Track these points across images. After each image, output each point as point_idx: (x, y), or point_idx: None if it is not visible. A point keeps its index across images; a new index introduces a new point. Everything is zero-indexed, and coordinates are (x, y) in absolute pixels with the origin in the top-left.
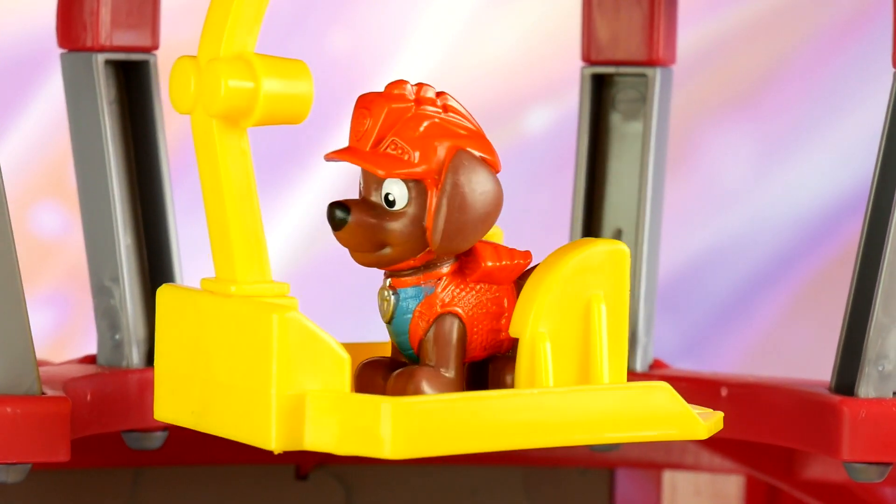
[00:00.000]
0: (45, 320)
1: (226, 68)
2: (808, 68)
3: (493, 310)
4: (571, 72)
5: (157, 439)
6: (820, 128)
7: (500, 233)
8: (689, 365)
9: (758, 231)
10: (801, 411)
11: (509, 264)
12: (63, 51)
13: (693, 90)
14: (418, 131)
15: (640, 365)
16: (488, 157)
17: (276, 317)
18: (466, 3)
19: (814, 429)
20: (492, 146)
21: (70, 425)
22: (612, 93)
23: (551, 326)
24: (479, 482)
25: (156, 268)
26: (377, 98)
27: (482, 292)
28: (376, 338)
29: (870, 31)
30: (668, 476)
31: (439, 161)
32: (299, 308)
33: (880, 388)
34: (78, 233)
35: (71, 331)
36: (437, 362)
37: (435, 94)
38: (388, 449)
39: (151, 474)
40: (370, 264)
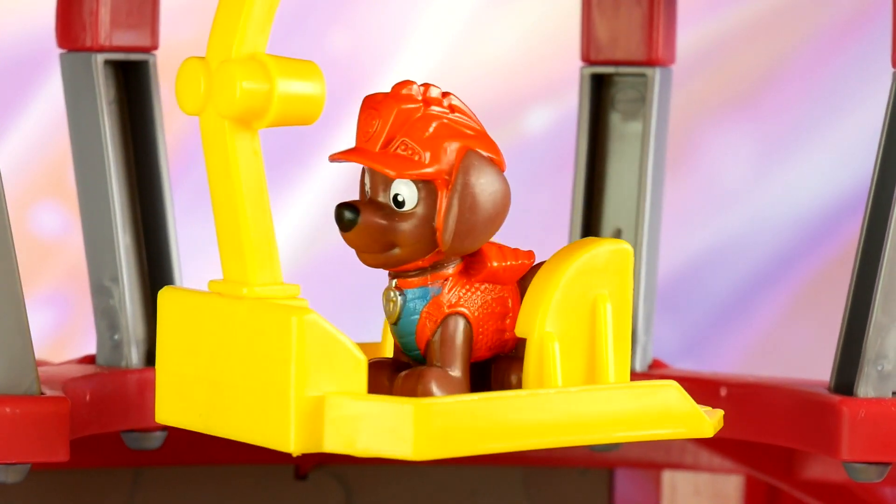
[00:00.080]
0: (45, 320)
1: (240, 70)
2: (808, 68)
3: (498, 310)
4: (571, 72)
5: (156, 439)
6: (820, 128)
7: None
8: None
9: (758, 231)
10: (800, 411)
11: (514, 264)
12: (62, 51)
13: (693, 90)
14: (428, 132)
15: (639, 365)
16: (495, 157)
17: (296, 319)
18: (466, 3)
19: (813, 429)
20: (497, 146)
21: (69, 425)
22: (611, 93)
23: (558, 326)
24: (479, 482)
25: (155, 268)
26: (386, 99)
27: (487, 292)
28: (376, 338)
29: (870, 31)
30: (667, 476)
31: (449, 161)
32: None
33: (879, 388)
34: (78, 233)
35: (71, 331)
36: (444, 363)
37: (441, 94)
38: (411, 450)
39: (151, 474)
40: (378, 265)
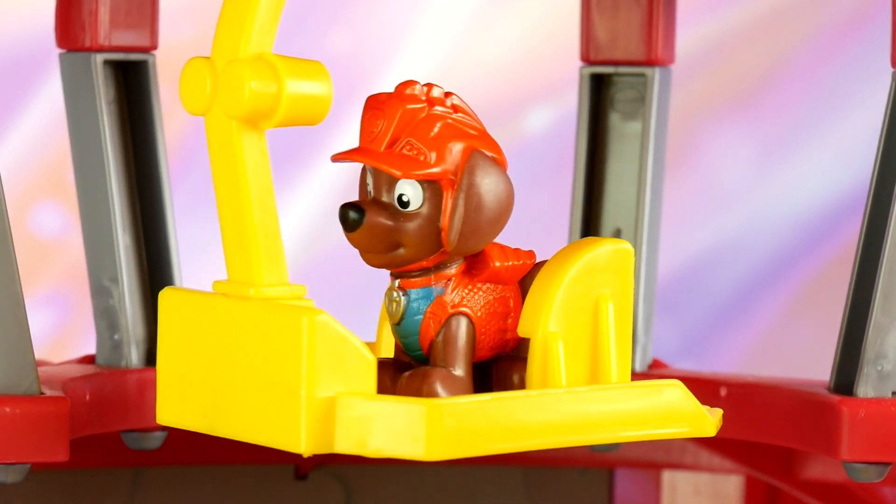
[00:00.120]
0: (45, 320)
1: (249, 70)
2: (808, 68)
3: (500, 310)
4: (571, 72)
5: (156, 439)
6: (820, 128)
7: None
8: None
9: (758, 231)
10: (800, 411)
11: (516, 264)
12: (62, 51)
13: (693, 90)
14: (433, 132)
15: (639, 365)
16: (498, 157)
17: (306, 320)
18: (466, 3)
19: (813, 429)
20: (499, 146)
21: (69, 425)
22: (611, 92)
23: (561, 326)
24: (479, 482)
25: (155, 268)
26: (390, 99)
27: (489, 292)
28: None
29: (870, 31)
30: (667, 476)
31: (455, 162)
32: None
33: (879, 388)
34: (77, 233)
35: (71, 331)
36: (448, 363)
37: (443, 94)
38: (424, 450)
39: (151, 474)
40: (382, 265)
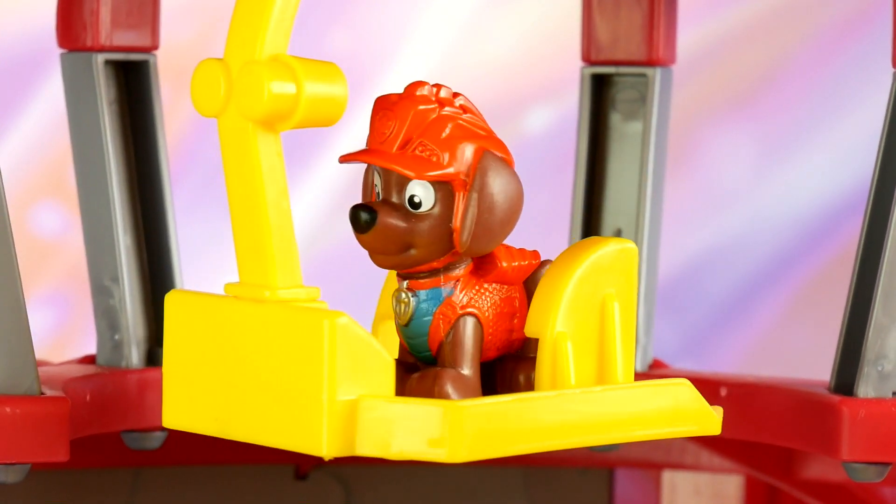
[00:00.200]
0: (46, 320)
1: (267, 71)
2: (808, 68)
3: (506, 310)
4: (571, 72)
5: (156, 439)
6: (820, 128)
7: None
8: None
9: (758, 231)
10: (800, 411)
11: (523, 264)
12: (63, 51)
13: (693, 90)
14: (444, 133)
15: (639, 365)
16: (507, 158)
17: (328, 322)
18: (466, 3)
19: (813, 429)
20: (506, 146)
21: (69, 425)
22: (611, 93)
23: (569, 326)
24: (479, 482)
25: (155, 268)
26: (402, 100)
27: (496, 293)
28: None
29: (870, 31)
30: (667, 476)
31: (467, 162)
32: None
33: (879, 388)
34: (78, 233)
35: (71, 331)
36: (457, 363)
37: (451, 95)
38: (447, 452)
39: (151, 474)
40: (393, 266)
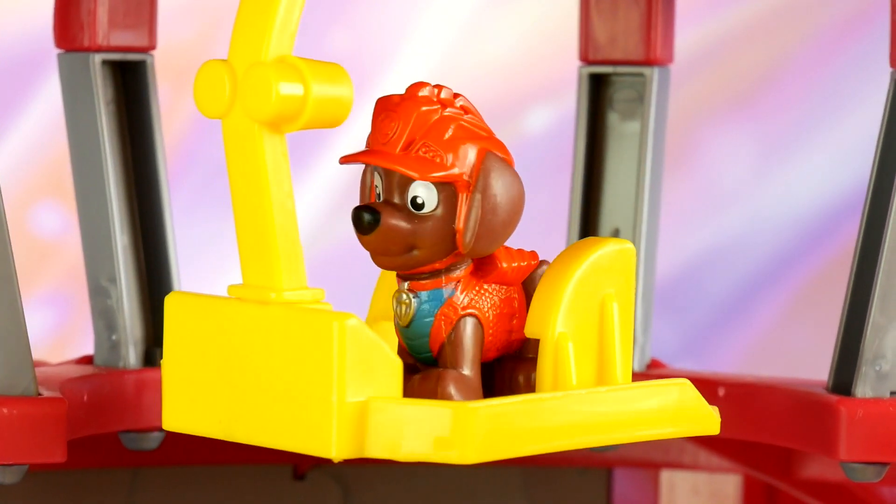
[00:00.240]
0: (45, 320)
1: (275, 73)
2: (808, 68)
3: (506, 311)
4: (571, 72)
5: (153, 440)
6: (820, 128)
7: None
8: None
9: (758, 231)
10: (798, 411)
11: (522, 265)
12: (60, 51)
13: (693, 90)
14: (447, 134)
15: (637, 364)
16: (508, 159)
17: (337, 324)
18: (466, 3)
19: (811, 429)
20: (506, 147)
21: (66, 426)
22: (609, 92)
23: (570, 326)
24: (479, 482)
25: (153, 268)
26: (404, 101)
27: (496, 293)
28: None
29: (870, 31)
30: (665, 476)
31: (470, 164)
32: None
33: (877, 388)
34: (77, 233)
35: (71, 331)
36: (459, 364)
37: (452, 95)
38: (459, 454)
39: (149, 474)
40: (395, 268)
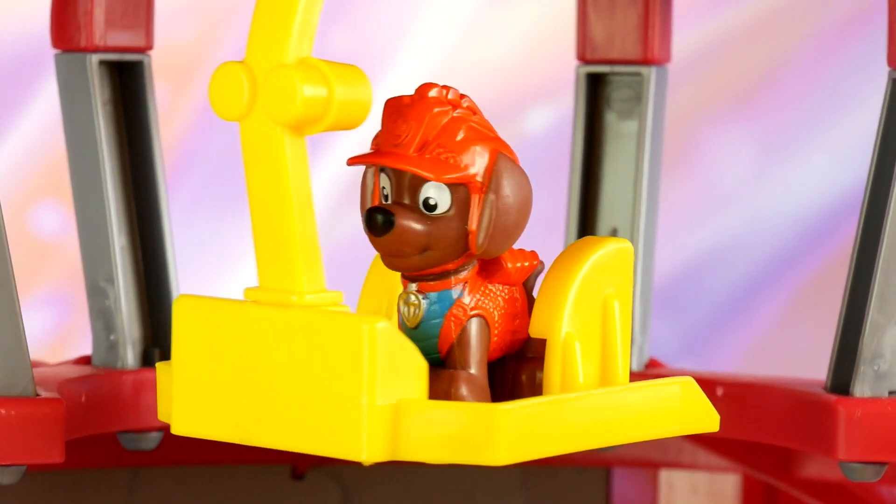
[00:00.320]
0: (45, 321)
1: (299, 75)
2: (808, 68)
3: (510, 311)
4: (570, 72)
5: (152, 440)
6: (820, 128)
7: None
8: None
9: (758, 231)
10: (796, 411)
11: (525, 265)
12: (57, 51)
13: (692, 90)
14: (459, 136)
15: (636, 364)
16: (516, 159)
17: (367, 327)
18: (466, 3)
19: (810, 428)
20: (510, 147)
21: (64, 427)
22: (607, 92)
23: (575, 326)
24: (478, 482)
25: (151, 269)
26: (416, 102)
27: (501, 294)
28: None
29: (870, 31)
30: (664, 475)
31: (483, 164)
32: None
33: (876, 388)
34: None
35: (70, 331)
36: (467, 365)
37: (458, 96)
38: (493, 456)
39: (148, 475)
40: (407, 269)
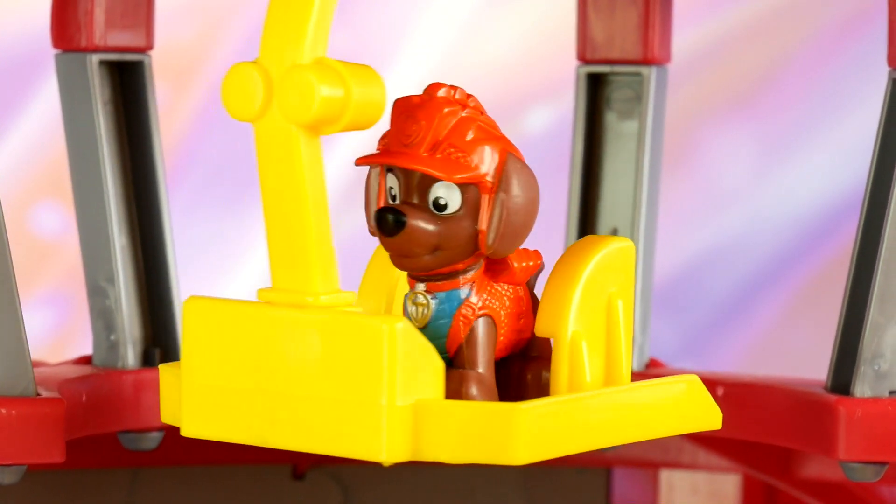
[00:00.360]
0: (45, 320)
1: (317, 76)
2: (808, 68)
3: (515, 310)
4: (570, 72)
5: (152, 440)
6: (820, 128)
7: None
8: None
9: (758, 231)
10: (797, 411)
11: (530, 265)
12: (57, 51)
13: (693, 90)
14: (469, 135)
15: (636, 364)
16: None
17: (387, 327)
18: (466, 3)
19: (810, 428)
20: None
21: (65, 426)
22: (607, 92)
23: (581, 325)
24: (479, 482)
25: (151, 269)
26: (427, 102)
27: (506, 293)
28: None
29: (870, 31)
30: (664, 475)
31: (494, 164)
32: None
33: (876, 388)
34: (77, 233)
35: (70, 331)
36: (475, 365)
37: (465, 96)
38: (515, 454)
39: (149, 475)
40: (419, 269)
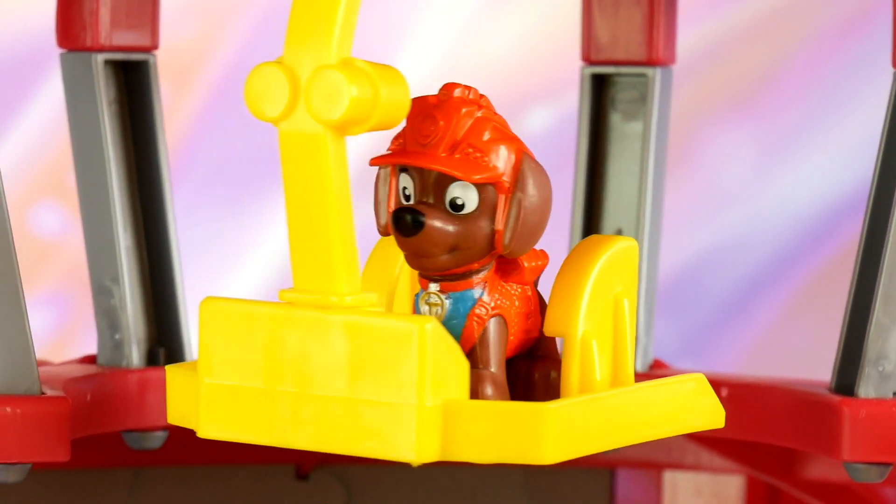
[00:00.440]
0: (46, 320)
1: (346, 76)
2: (808, 68)
3: (524, 310)
4: (572, 72)
5: (156, 439)
6: (820, 128)
7: None
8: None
9: (758, 231)
10: (801, 411)
11: (538, 265)
12: (62, 51)
13: (693, 90)
14: (485, 136)
15: (640, 364)
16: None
17: (418, 329)
18: (466, 3)
19: (814, 429)
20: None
21: (70, 425)
22: (611, 93)
23: (590, 324)
24: (479, 482)
25: (156, 268)
26: (444, 103)
27: (515, 293)
28: None
29: (870, 31)
30: (668, 476)
31: (510, 164)
32: None
33: (880, 389)
34: (78, 233)
35: (72, 330)
36: (488, 364)
37: (478, 96)
38: (544, 454)
39: (152, 474)
40: (435, 269)
